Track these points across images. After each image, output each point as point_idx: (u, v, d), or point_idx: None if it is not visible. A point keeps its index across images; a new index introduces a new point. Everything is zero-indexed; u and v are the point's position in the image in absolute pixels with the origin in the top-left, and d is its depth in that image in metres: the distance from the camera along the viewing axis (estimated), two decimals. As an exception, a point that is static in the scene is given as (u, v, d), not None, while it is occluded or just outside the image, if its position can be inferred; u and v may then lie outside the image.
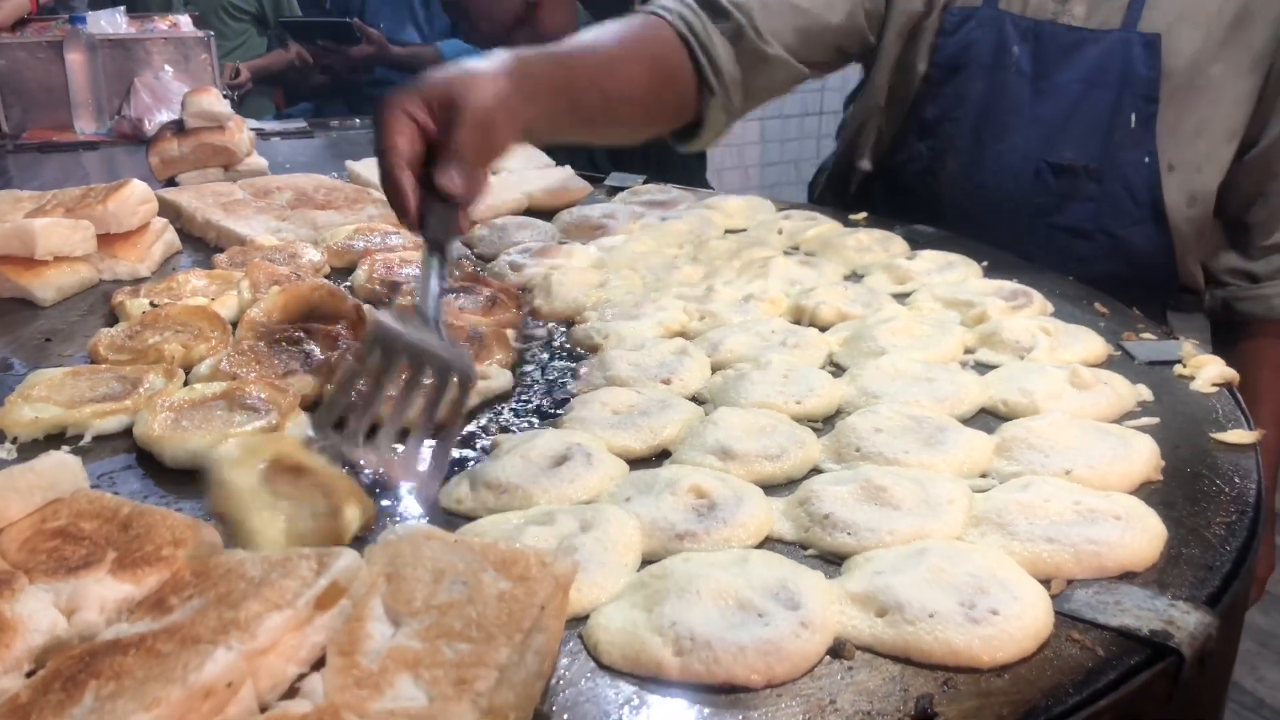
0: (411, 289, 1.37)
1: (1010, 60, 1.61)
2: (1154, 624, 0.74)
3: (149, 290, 1.38)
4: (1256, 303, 1.70)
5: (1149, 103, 1.56)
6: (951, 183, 1.69)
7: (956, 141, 1.68)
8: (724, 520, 0.86)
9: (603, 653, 0.72)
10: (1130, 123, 1.56)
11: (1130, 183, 1.58)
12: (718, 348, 1.22)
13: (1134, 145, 1.57)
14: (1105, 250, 1.62)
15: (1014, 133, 1.63)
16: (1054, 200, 1.62)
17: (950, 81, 1.66)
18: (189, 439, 0.99)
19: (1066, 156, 1.60)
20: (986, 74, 1.64)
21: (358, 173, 1.92)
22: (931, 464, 0.95)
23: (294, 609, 0.63)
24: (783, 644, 0.70)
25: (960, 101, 1.66)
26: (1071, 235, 1.62)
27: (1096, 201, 1.60)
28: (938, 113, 1.68)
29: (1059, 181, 1.61)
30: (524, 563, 0.69)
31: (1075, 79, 1.59)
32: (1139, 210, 1.59)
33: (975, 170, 1.67)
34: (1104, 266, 1.60)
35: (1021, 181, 1.63)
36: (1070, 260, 1.60)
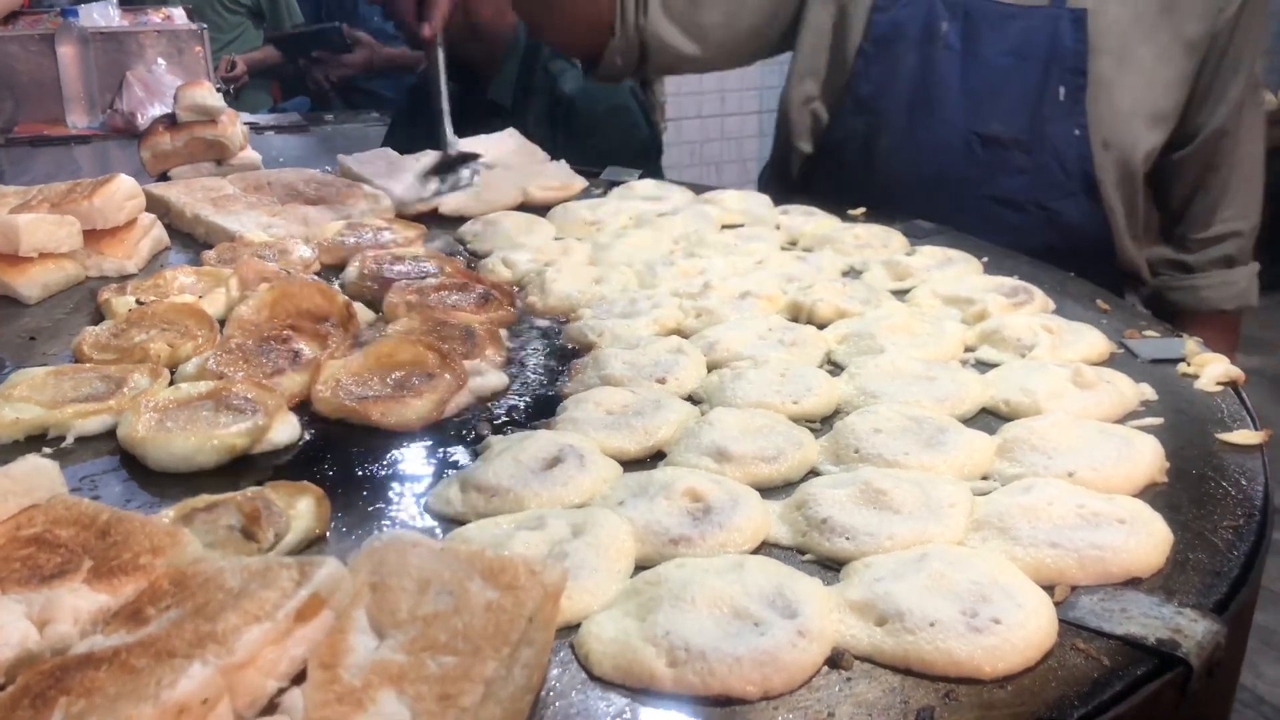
0: (405, 287, 1.35)
1: (939, 36, 1.67)
2: (1161, 633, 0.72)
3: (136, 288, 1.36)
4: (1187, 293, 1.77)
5: (1077, 75, 1.60)
6: (886, 157, 1.74)
7: (890, 116, 1.72)
8: (719, 525, 0.84)
9: (594, 663, 0.70)
10: (1059, 96, 1.61)
11: (1061, 155, 1.63)
12: (714, 346, 1.20)
13: (1063, 118, 1.62)
14: (1038, 222, 1.66)
15: (944, 106, 1.68)
16: (983, 171, 1.67)
17: (883, 58, 1.72)
18: (174, 441, 0.97)
19: (995, 129, 1.65)
20: (918, 50, 1.69)
21: (349, 167, 1.89)
22: (932, 466, 0.93)
23: (273, 621, 0.61)
24: (779, 654, 0.68)
25: (893, 78, 1.71)
26: (1003, 206, 1.67)
27: (1028, 173, 1.65)
28: (872, 89, 1.73)
29: (987, 153, 1.66)
30: (512, 571, 0.67)
31: (1003, 53, 1.64)
32: (1071, 183, 1.64)
33: (908, 144, 1.71)
34: (1038, 238, 1.63)
35: (952, 153, 1.68)
36: (1003, 231, 1.63)
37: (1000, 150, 1.65)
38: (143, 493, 0.95)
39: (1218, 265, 1.76)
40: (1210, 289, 1.76)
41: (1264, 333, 4.81)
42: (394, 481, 0.96)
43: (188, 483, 0.94)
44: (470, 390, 1.11)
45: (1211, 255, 1.75)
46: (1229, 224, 1.74)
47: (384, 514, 0.91)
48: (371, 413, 1.04)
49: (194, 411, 1.03)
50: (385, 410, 1.04)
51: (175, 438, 0.97)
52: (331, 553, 0.85)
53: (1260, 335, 4.79)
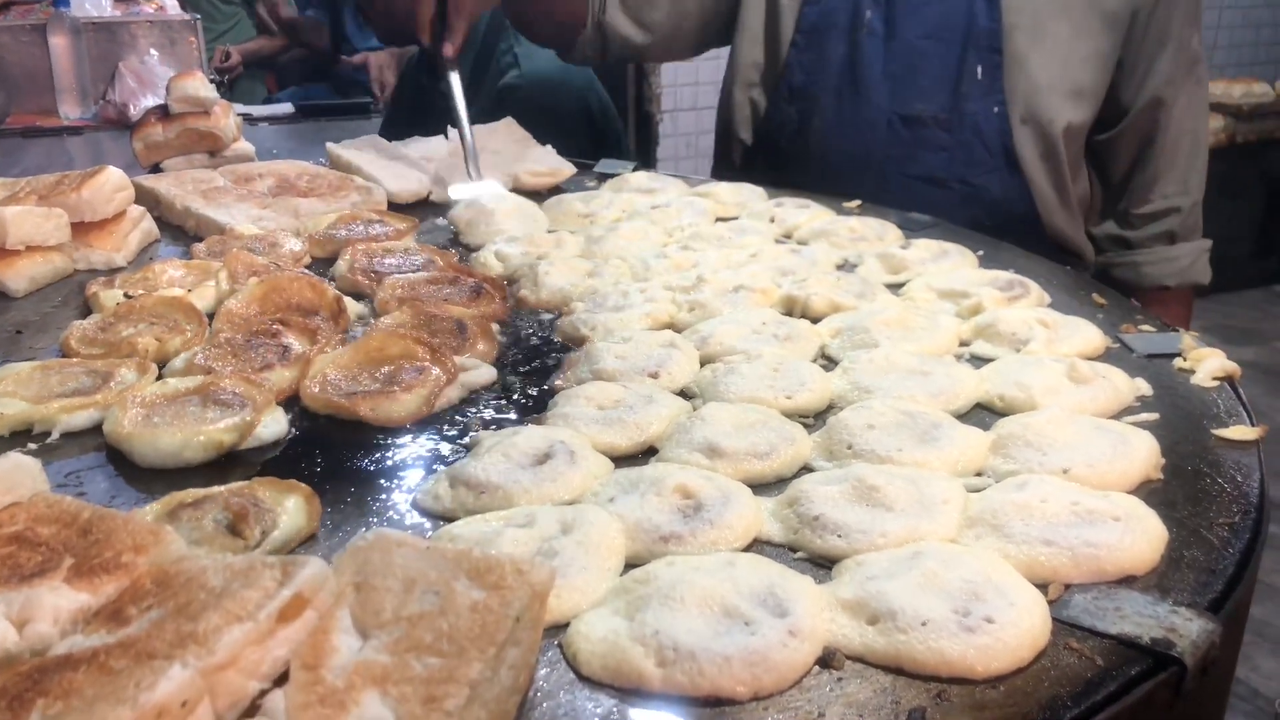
0: (396, 281, 1.34)
1: (864, 22, 1.73)
2: (1155, 632, 0.71)
3: (124, 281, 1.34)
4: (1129, 270, 1.79)
5: (993, 54, 1.64)
6: (818, 141, 1.80)
7: (820, 102, 1.78)
8: (710, 522, 0.83)
9: (582, 663, 0.69)
10: (977, 74, 1.65)
11: (981, 131, 1.67)
12: (707, 340, 1.19)
13: (982, 95, 1.66)
14: (961, 197, 1.70)
15: (868, 89, 1.73)
16: (906, 150, 1.72)
17: (813, 47, 1.78)
18: (160, 437, 0.96)
19: (916, 108, 1.70)
20: (845, 37, 1.75)
21: (338, 155, 1.88)
22: (926, 462, 0.92)
23: (255, 621, 0.60)
24: (769, 654, 0.67)
25: (823, 65, 1.77)
26: (927, 184, 1.71)
27: (949, 151, 1.69)
28: (804, 78, 1.80)
29: (909, 132, 1.71)
30: (499, 571, 0.66)
31: (922, 34, 1.70)
32: (992, 159, 1.67)
33: (836, 127, 1.78)
34: (962, 213, 1.66)
35: (876, 134, 1.73)
36: (928, 208, 1.65)
37: (922, 129, 1.71)
38: (129, 489, 0.94)
39: (1159, 241, 1.78)
40: (1151, 265, 1.77)
41: (1259, 325, 4.81)
42: (383, 477, 0.95)
43: (174, 479, 0.93)
44: (461, 385, 1.10)
45: (1152, 231, 1.76)
46: (1169, 200, 1.76)
47: (373, 510, 0.90)
48: (360, 408, 1.03)
49: (181, 407, 1.02)
50: (374, 405, 1.03)
51: (162, 433, 0.96)
52: (319, 550, 0.84)
53: (1256, 328, 4.80)
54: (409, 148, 1.91)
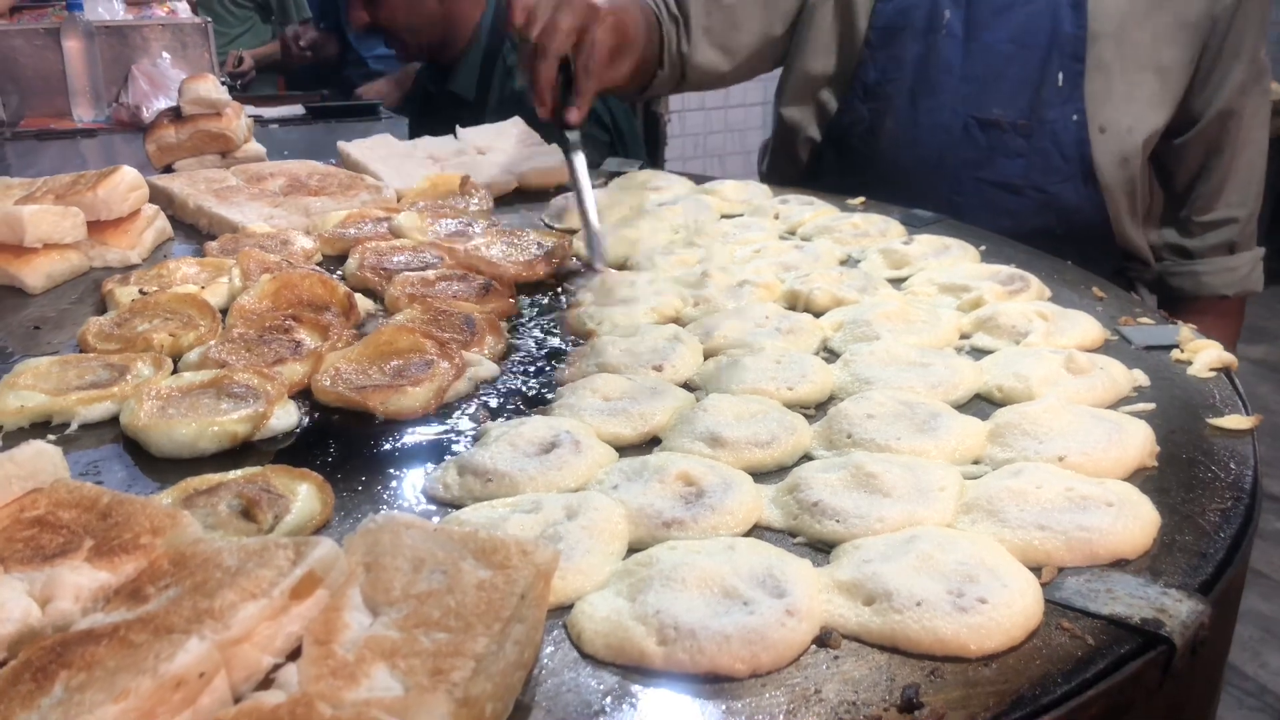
0: (406, 278, 1.36)
1: (942, 23, 1.70)
2: (1145, 612, 0.73)
3: (139, 278, 1.37)
4: (1187, 278, 1.77)
5: (1076, 61, 1.62)
6: (889, 141, 1.78)
7: (894, 101, 1.76)
8: (711, 508, 0.85)
9: (586, 642, 0.71)
10: (1058, 81, 1.63)
11: (1059, 139, 1.65)
12: (711, 334, 1.21)
13: (1062, 103, 1.64)
14: (1036, 205, 1.68)
15: (945, 91, 1.71)
16: (982, 154, 1.70)
17: (889, 46, 1.76)
18: (175, 427, 0.99)
19: (994, 113, 1.68)
20: (921, 37, 1.72)
21: (349, 153, 1.91)
22: (924, 450, 0.94)
23: (269, 598, 0.62)
24: (768, 633, 0.69)
25: (898, 65, 1.75)
26: (1001, 190, 1.69)
27: (1025, 157, 1.67)
28: (878, 76, 1.77)
29: (986, 136, 1.69)
30: (504, 551, 0.68)
31: (1004, 39, 1.67)
32: (1068, 167, 1.65)
33: (910, 128, 1.75)
34: (1035, 221, 1.66)
35: (951, 137, 1.71)
36: (1001, 214, 1.65)
37: (999, 134, 1.68)
38: (145, 478, 0.97)
39: (1219, 251, 1.77)
40: (1211, 275, 1.76)
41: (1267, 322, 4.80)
42: (392, 467, 0.97)
43: (189, 469, 0.95)
44: (469, 379, 1.12)
45: (1212, 241, 1.75)
46: (1231, 209, 1.75)
47: (383, 498, 0.92)
48: (371, 401, 1.05)
49: (196, 399, 1.05)
50: (384, 399, 1.05)
51: (177, 424, 0.99)
52: (332, 536, 0.86)
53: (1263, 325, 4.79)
54: (417, 147, 1.93)
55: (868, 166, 1.81)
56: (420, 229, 1.53)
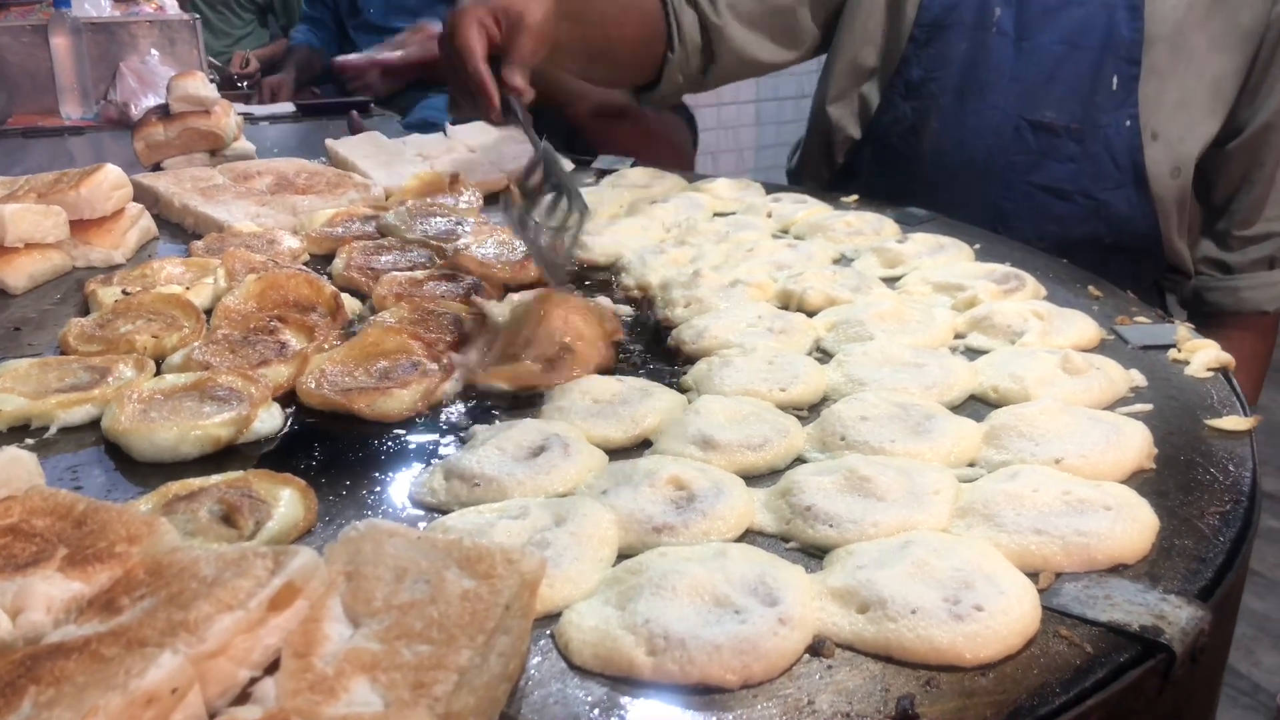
0: (393, 278, 1.34)
1: (992, 21, 1.64)
2: (1144, 619, 0.71)
3: (122, 278, 1.35)
4: (1226, 294, 1.71)
5: (1131, 65, 1.57)
6: (934, 142, 1.72)
7: (940, 100, 1.70)
8: (703, 513, 0.83)
9: (574, 652, 0.70)
10: (1112, 85, 1.58)
11: (1111, 145, 1.60)
12: (702, 334, 1.19)
13: (1115, 107, 1.59)
14: (1085, 212, 1.63)
15: (995, 91, 1.65)
16: (1032, 158, 1.64)
17: (934, 42, 1.69)
18: (157, 431, 0.97)
19: (1047, 115, 1.62)
20: (969, 34, 1.66)
21: (337, 151, 1.89)
22: (918, 453, 0.92)
23: (246, 610, 0.60)
24: (759, 642, 0.68)
25: (944, 62, 1.69)
26: (1050, 194, 1.64)
27: (1076, 162, 1.62)
28: (922, 73, 1.71)
29: (1038, 139, 1.63)
30: (489, 560, 0.66)
31: (1057, 39, 1.61)
32: (1120, 174, 1.60)
33: (956, 129, 1.69)
34: (1084, 229, 1.61)
35: (1001, 139, 1.65)
36: (1048, 220, 1.61)
37: (1051, 138, 1.63)
38: (126, 483, 0.95)
39: (1259, 266, 1.71)
40: (1251, 290, 1.70)
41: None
42: (378, 471, 0.95)
43: (171, 473, 0.93)
44: (456, 380, 1.10)
45: (1253, 255, 1.69)
46: (1271, 223, 1.69)
47: (368, 503, 0.90)
48: (356, 404, 1.03)
49: (178, 402, 1.03)
50: (370, 401, 1.03)
51: (158, 428, 0.97)
52: (315, 542, 0.84)
53: (1259, 323, 4.78)
54: (407, 145, 1.91)
55: (909, 168, 1.75)
56: (408, 228, 1.51)
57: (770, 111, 5.52)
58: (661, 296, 1.33)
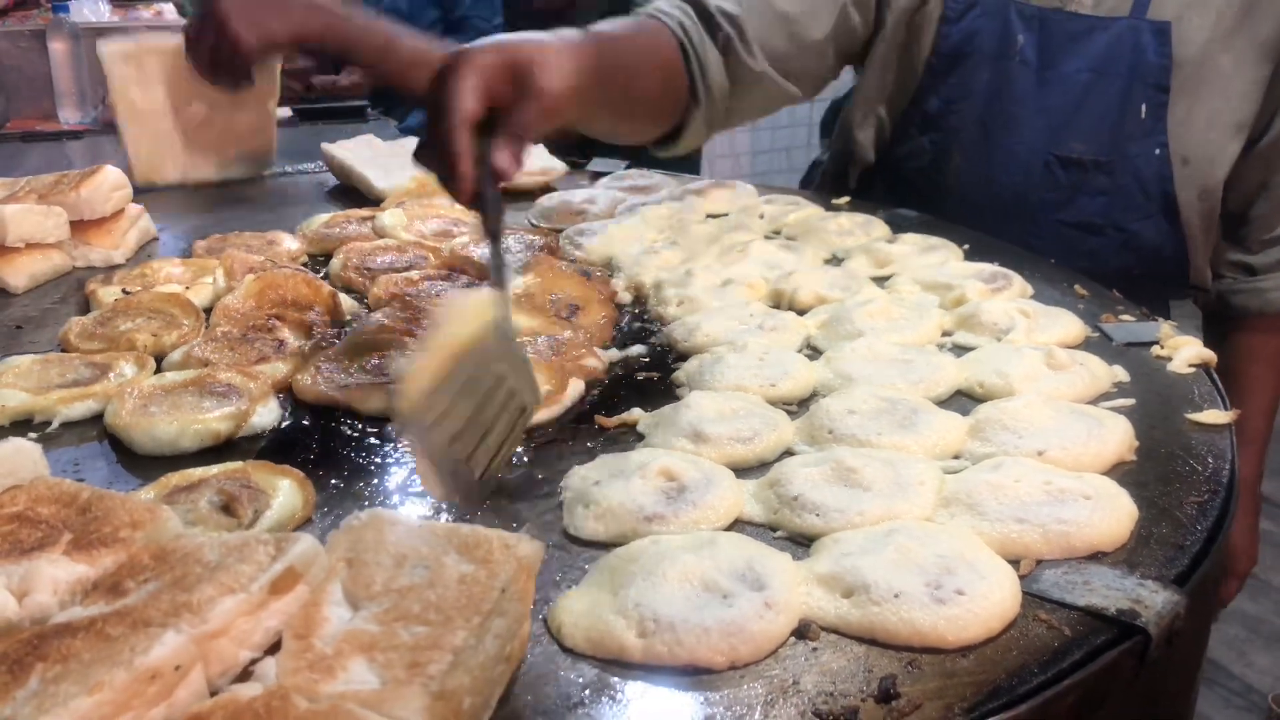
0: (390, 278, 1.36)
1: (1014, 50, 1.57)
2: (1121, 603, 0.73)
3: (122, 278, 1.37)
4: (1252, 295, 1.68)
5: (1160, 92, 1.52)
6: (958, 177, 1.65)
7: (961, 134, 1.63)
8: (693, 503, 0.85)
9: (566, 636, 0.72)
10: (1141, 113, 1.53)
11: (1141, 175, 1.55)
12: (694, 332, 1.21)
13: (1144, 136, 1.54)
14: (1116, 245, 1.59)
15: (1021, 125, 1.59)
16: (1063, 195, 1.59)
17: (953, 72, 1.62)
18: (157, 425, 0.99)
19: (1076, 150, 1.56)
20: (991, 64, 1.59)
21: (333, 155, 1.90)
22: (904, 446, 0.94)
23: (248, 593, 0.62)
24: (746, 625, 0.70)
25: (964, 93, 1.62)
26: (1081, 230, 1.59)
27: (1108, 195, 1.57)
28: (940, 105, 1.64)
29: (1068, 175, 1.58)
30: (487, 546, 0.68)
31: (1083, 68, 1.55)
32: (1150, 204, 1.56)
33: (982, 164, 1.62)
34: (1115, 261, 1.57)
35: (1030, 176, 1.59)
36: (1079, 255, 1.55)
37: (1080, 173, 1.57)
38: (128, 475, 0.97)
39: None
40: (1275, 291, 1.67)
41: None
42: (374, 464, 0.97)
43: (172, 466, 0.95)
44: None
45: (1276, 255, 1.66)
46: None
47: (364, 495, 0.92)
48: (352, 399, 1.05)
49: (178, 397, 1.05)
50: (365, 396, 1.05)
51: (159, 422, 0.99)
52: (313, 531, 0.86)
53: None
54: (403, 146, 1.93)
55: (927, 200, 1.68)
56: (404, 228, 1.53)
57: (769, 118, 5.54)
58: (654, 295, 1.35)
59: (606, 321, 1.25)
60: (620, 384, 1.15)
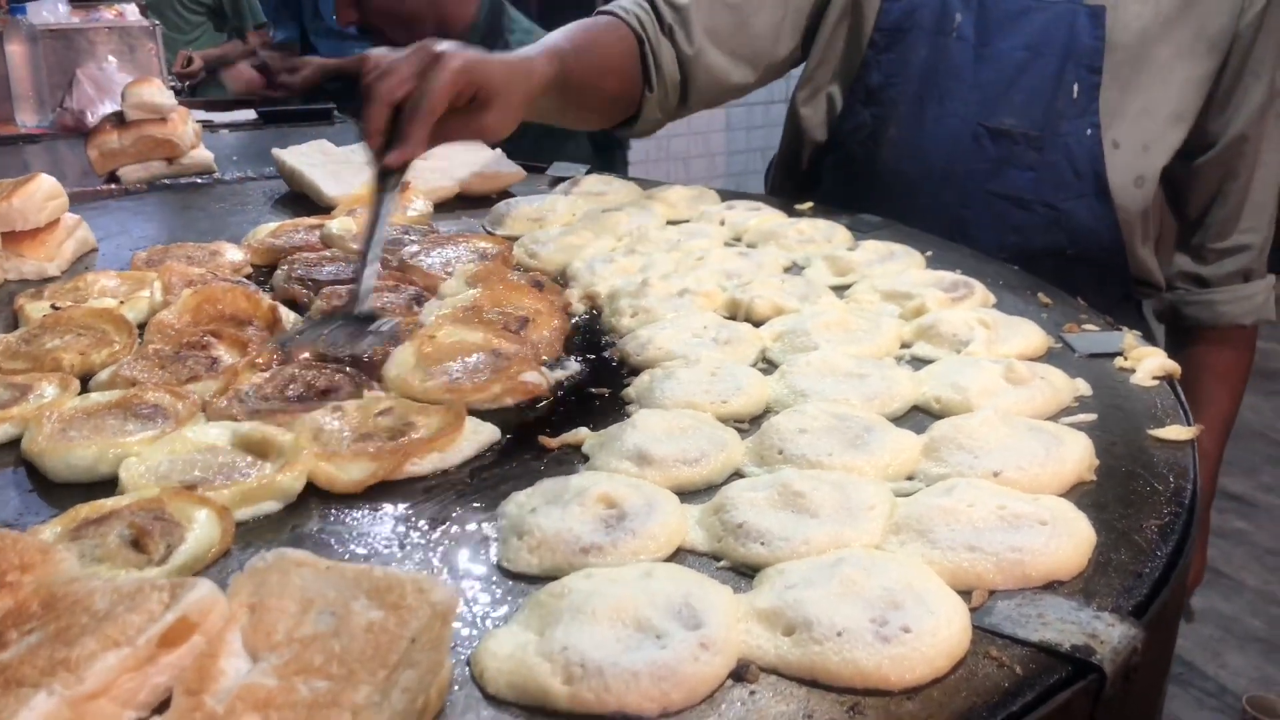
0: (333, 290, 1.31)
1: (952, 26, 1.61)
2: (1076, 638, 0.69)
3: (53, 292, 1.31)
4: (1203, 308, 1.69)
5: (1092, 73, 1.55)
6: (892, 149, 1.69)
7: (899, 107, 1.67)
8: (633, 531, 0.81)
9: (489, 681, 0.67)
10: (1073, 92, 1.55)
11: (1072, 153, 1.57)
12: (646, 346, 1.17)
13: (1077, 115, 1.56)
14: (1045, 222, 1.60)
15: (954, 98, 1.62)
16: (991, 166, 1.61)
17: (894, 48, 1.66)
18: (73, 451, 0.94)
19: (1006, 122, 1.59)
20: (929, 40, 1.64)
21: (284, 161, 1.85)
22: (855, 466, 0.91)
23: (133, 647, 0.58)
24: (680, 668, 0.65)
25: (903, 68, 1.66)
26: (1010, 203, 1.61)
27: (1036, 170, 1.59)
28: (881, 79, 1.68)
29: (996, 147, 1.60)
30: (399, 590, 0.64)
31: (1018, 46, 1.58)
32: (1081, 183, 1.57)
33: (915, 135, 1.66)
34: (1045, 239, 1.59)
35: (959, 146, 1.62)
36: (1007, 230, 1.58)
37: (1010, 145, 1.60)
38: (42, 505, 0.92)
39: (1234, 279, 1.69)
40: (1228, 304, 1.69)
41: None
42: (303, 493, 0.92)
43: (92, 494, 0.90)
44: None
45: (1228, 268, 1.68)
46: (1245, 236, 1.67)
47: (289, 525, 0.87)
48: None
49: (101, 420, 1.00)
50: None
51: (75, 447, 0.94)
52: (231, 565, 0.82)
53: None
54: (356, 152, 1.88)
55: (869, 177, 1.72)
56: (353, 237, 1.48)
57: (739, 117, 5.52)
58: (609, 306, 1.31)
59: (557, 335, 1.21)
60: (569, 401, 1.10)
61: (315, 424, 0.97)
